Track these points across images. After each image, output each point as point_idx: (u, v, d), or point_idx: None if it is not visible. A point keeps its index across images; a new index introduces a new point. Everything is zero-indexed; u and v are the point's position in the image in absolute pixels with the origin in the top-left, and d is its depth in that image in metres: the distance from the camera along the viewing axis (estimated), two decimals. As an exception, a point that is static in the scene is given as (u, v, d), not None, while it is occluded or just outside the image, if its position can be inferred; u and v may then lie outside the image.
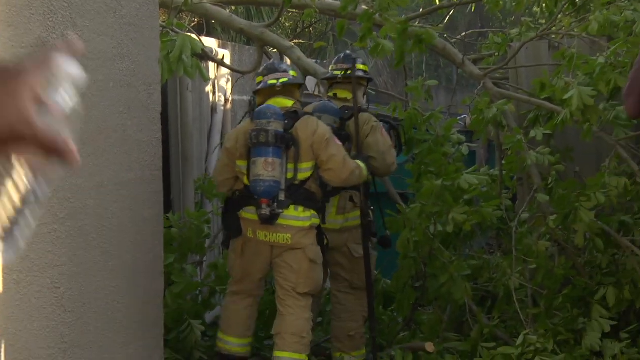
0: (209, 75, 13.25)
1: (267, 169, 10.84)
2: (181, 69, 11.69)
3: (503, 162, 11.54)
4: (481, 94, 11.74)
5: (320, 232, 11.07)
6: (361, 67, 11.75)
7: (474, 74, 12.18)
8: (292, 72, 11.61)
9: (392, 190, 11.99)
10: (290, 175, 10.98)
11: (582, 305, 10.60)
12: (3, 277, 8.67)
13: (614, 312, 10.28)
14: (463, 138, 12.64)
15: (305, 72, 12.39)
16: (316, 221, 10.87)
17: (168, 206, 11.82)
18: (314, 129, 10.89)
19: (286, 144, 10.90)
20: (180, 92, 13.42)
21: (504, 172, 11.61)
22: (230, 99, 14.77)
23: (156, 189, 10.72)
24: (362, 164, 11.01)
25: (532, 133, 11.04)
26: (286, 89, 11.31)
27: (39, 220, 8.78)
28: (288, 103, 11.15)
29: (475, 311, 11.20)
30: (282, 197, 10.91)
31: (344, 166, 10.70)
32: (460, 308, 11.47)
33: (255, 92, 11.63)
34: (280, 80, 11.22)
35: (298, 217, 10.86)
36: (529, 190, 11.17)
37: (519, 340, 10.18)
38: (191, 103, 13.63)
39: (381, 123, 11.75)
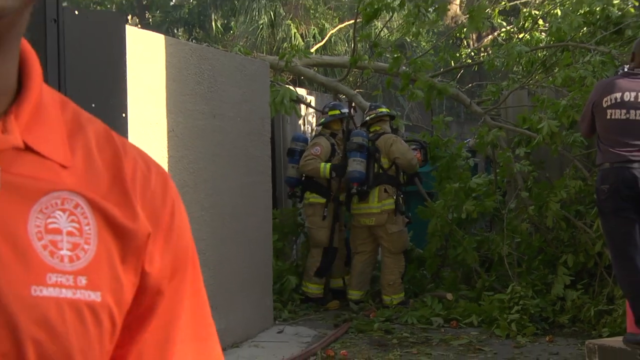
0: (300, 113, 13.37)
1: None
2: (283, 109, 12.05)
3: (497, 170, 11.60)
4: (482, 125, 12.05)
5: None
6: (383, 109, 11.85)
7: (477, 112, 12.44)
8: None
9: (422, 190, 11.98)
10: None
11: (551, 267, 10.77)
12: None
13: (572, 271, 10.37)
14: (470, 155, 12.78)
15: (363, 109, 12.45)
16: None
17: (274, 200, 11.87)
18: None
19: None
20: (282, 124, 13.49)
21: (497, 177, 11.65)
22: (314, 128, 14.74)
23: (267, 188, 10.84)
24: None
25: (517, 151, 11.38)
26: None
27: (191, 208, 8.54)
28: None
29: (480, 271, 11.33)
30: None
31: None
32: (470, 269, 11.54)
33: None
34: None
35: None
36: (515, 189, 11.41)
37: (509, 290, 10.33)
38: (289, 131, 13.64)
39: (414, 144, 12.05)
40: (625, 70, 7.50)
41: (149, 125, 8.21)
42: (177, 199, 1.34)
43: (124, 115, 4.31)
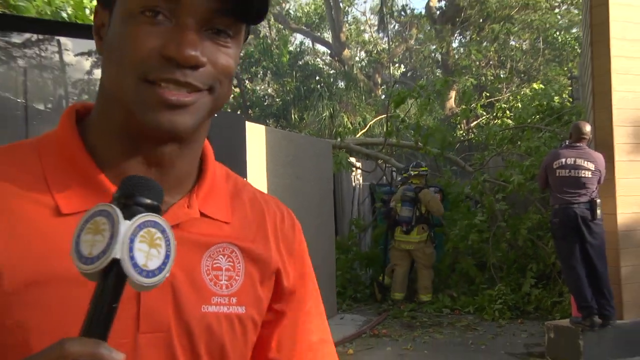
0: (351, 168, 13.36)
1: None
2: (340, 169, 12.15)
3: (484, 209, 11.48)
4: (474, 178, 11.80)
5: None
6: (424, 168, 11.50)
7: (469, 171, 12.31)
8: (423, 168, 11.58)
9: (442, 223, 11.87)
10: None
11: (521, 272, 10.56)
12: None
13: (535, 275, 10.27)
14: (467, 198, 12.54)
15: (398, 169, 12.39)
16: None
17: (335, 229, 11.76)
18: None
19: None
20: (340, 179, 13.30)
21: (484, 213, 11.53)
22: (361, 184, 14.71)
23: (330, 223, 10.67)
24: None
25: (497, 196, 11.19)
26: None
27: None
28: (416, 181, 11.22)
29: (477, 275, 11.13)
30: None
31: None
32: (470, 275, 11.30)
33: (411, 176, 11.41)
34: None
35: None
36: (496, 221, 11.09)
37: (495, 289, 10.27)
38: (345, 184, 13.62)
39: (435, 187, 11.74)
40: (567, 143, 7.54)
41: (261, 188, 8.16)
42: (299, 230, 1.34)
43: (244, 179, 4.40)
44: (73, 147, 1.09)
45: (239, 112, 22.86)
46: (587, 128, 7.44)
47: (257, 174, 8.27)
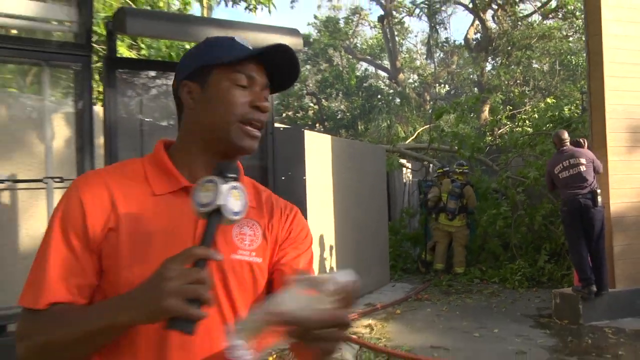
0: (401, 169, 13.30)
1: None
2: (392, 169, 11.96)
3: (508, 199, 11.35)
4: (499, 175, 11.70)
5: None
6: (466, 167, 11.44)
7: (496, 170, 12.18)
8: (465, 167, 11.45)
9: (475, 213, 11.71)
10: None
11: (537, 250, 10.38)
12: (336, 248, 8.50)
13: (548, 252, 10.10)
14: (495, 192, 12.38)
15: (435, 167, 12.33)
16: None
17: (389, 217, 11.74)
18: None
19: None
20: (393, 177, 13.29)
21: (508, 204, 11.36)
22: (411, 180, 14.69)
23: (384, 212, 10.63)
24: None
25: (518, 189, 10.95)
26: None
27: (348, 224, 7.66)
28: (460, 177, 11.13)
29: (501, 254, 11.01)
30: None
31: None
32: (495, 253, 11.16)
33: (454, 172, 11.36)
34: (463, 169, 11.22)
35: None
36: (517, 209, 10.88)
37: (516, 263, 10.16)
38: (397, 181, 13.62)
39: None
40: (556, 151, 7.55)
41: (321, 185, 8.15)
42: (298, 216, 1.48)
43: (304, 178, 4.46)
44: (164, 160, 1.38)
45: (317, 125, 23.11)
46: (565, 135, 7.43)
47: (324, 175, 8.29)
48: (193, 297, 1.08)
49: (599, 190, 7.14)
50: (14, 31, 4.90)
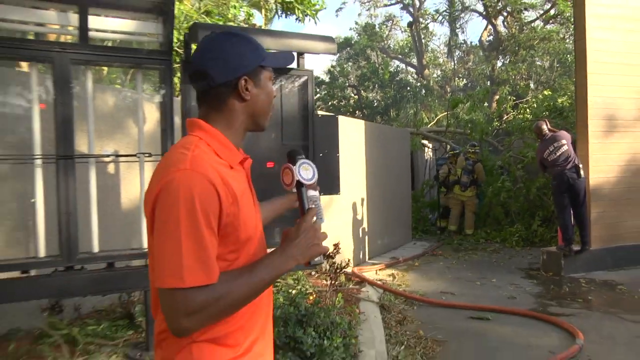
0: (423, 148, 13.11)
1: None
2: (415, 149, 11.64)
3: (509, 174, 11.15)
4: (503, 154, 11.47)
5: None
6: (477, 147, 11.02)
7: (500, 149, 11.82)
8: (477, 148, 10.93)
9: (483, 186, 11.54)
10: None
11: (532, 216, 10.28)
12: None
13: (541, 218, 10.00)
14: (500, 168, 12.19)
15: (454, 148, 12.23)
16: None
17: (413, 188, 11.40)
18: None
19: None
20: (417, 155, 13.11)
21: (510, 177, 11.18)
22: (431, 158, 14.58)
23: (408, 185, 10.36)
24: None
25: (518, 166, 10.77)
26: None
27: (379, 195, 7.43)
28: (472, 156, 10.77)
29: (502, 219, 10.87)
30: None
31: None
32: (498, 218, 10.98)
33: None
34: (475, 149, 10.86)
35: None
36: (517, 182, 10.75)
37: (514, 227, 10.08)
38: (420, 158, 13.53)
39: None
40: (540, 140, 7.47)
41: (354, 160, 8.02)
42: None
43: (337, 155, 4.43)
44: (222, 138, 1.32)
45: (357, 112, 23.04)
46: (544, 125, 7.32)
47: (358, 155, 8.16)
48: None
49: (581, 165, 7.10)
50: (118, 42, 5.17)
